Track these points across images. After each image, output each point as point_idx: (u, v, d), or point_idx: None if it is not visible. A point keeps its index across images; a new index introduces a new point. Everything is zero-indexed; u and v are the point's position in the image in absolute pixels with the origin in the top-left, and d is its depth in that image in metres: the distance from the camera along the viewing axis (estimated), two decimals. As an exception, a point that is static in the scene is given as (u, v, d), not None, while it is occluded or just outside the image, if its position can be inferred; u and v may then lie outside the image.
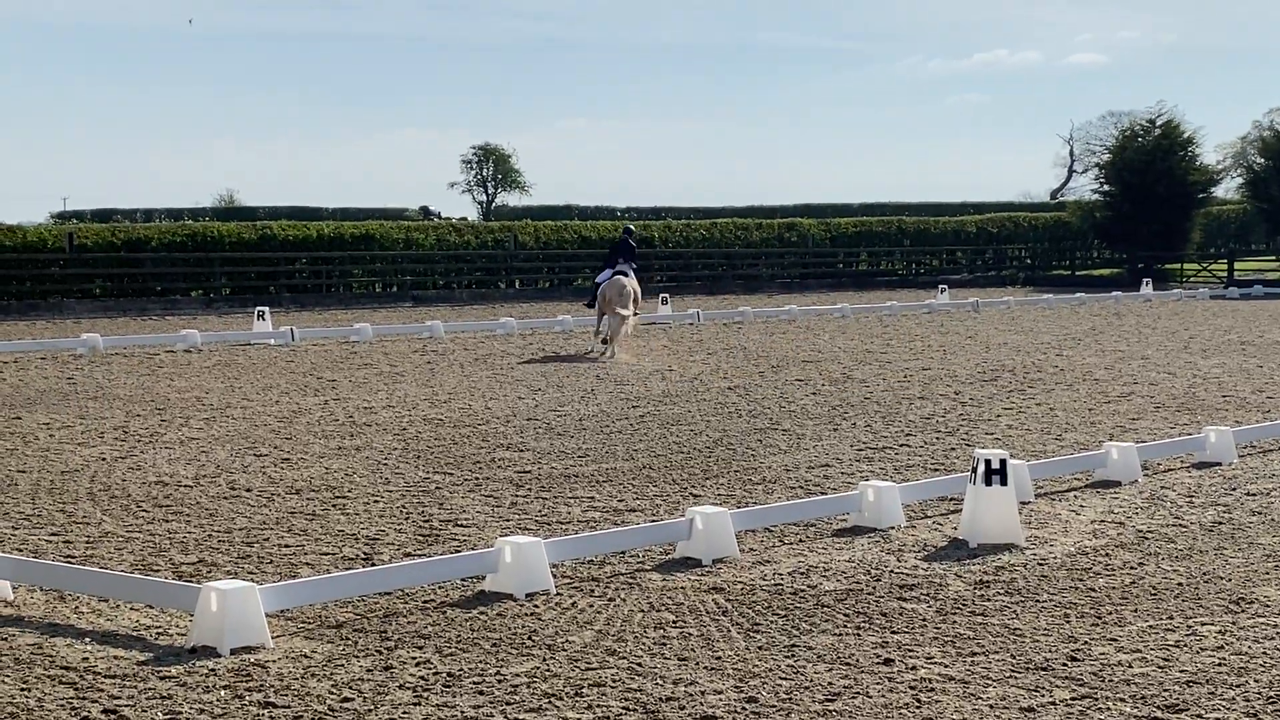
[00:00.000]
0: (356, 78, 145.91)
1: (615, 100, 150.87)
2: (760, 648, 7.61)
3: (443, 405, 17.92)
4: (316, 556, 9.72)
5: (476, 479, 12.65)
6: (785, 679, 7.07)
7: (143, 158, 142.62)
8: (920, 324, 33.59)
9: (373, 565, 9.34)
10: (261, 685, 6.97)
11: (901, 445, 14.56)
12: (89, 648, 7.63)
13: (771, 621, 8.12)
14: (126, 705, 6.68)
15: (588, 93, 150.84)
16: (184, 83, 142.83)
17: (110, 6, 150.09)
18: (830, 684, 6.99)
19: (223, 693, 6.85)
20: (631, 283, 25.33)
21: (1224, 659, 7.40)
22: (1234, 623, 8.10)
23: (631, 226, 30.92)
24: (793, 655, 7.47)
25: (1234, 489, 12.27)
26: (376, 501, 11.66)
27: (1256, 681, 7.03)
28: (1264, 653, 7.51)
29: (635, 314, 25.40)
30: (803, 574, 9.26)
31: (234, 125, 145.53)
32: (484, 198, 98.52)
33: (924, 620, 8.15)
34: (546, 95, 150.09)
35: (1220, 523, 10.87)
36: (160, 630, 7.94)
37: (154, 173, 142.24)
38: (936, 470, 12.95)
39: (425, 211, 74.70)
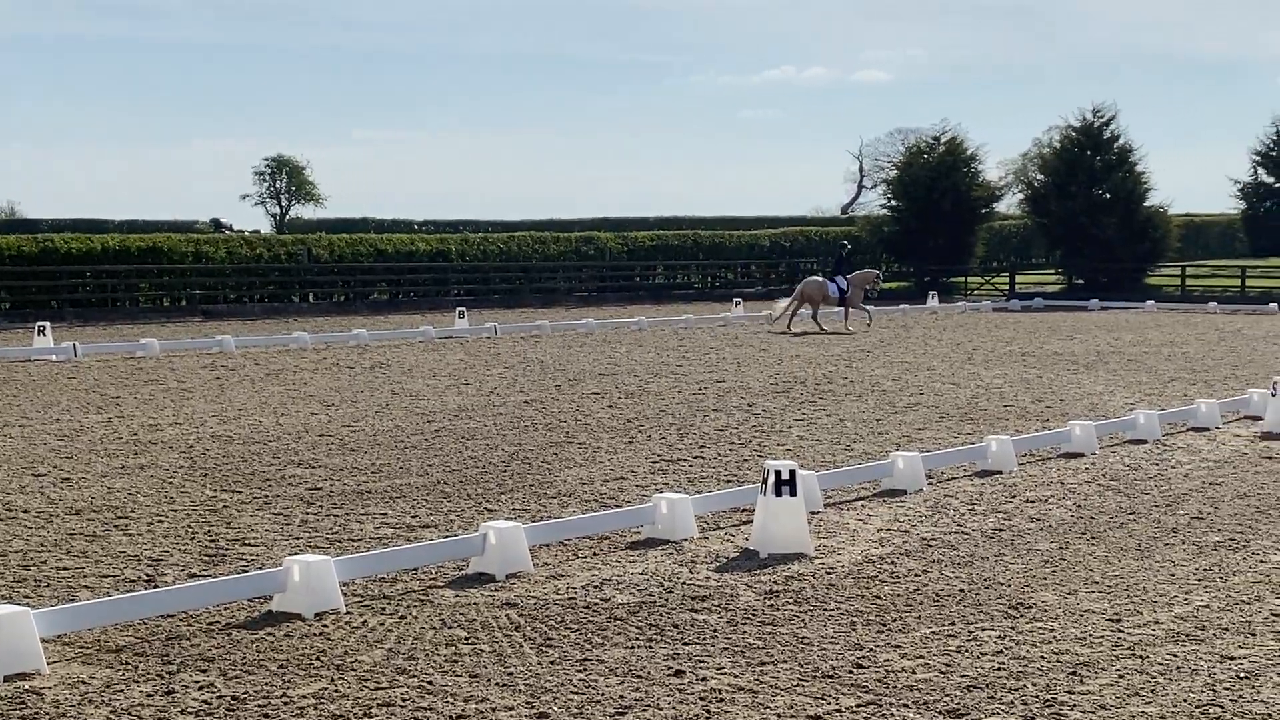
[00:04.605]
0: (146, 85, 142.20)
1: (413, 112, 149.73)
2: (552, 662, 7.59)
3: (232, 422, 17.54)
4: (97, 579, 9.43)
5: (266, 497, 12.40)
6: (577, 693, 7.07)
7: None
8: (715, 337, 33.99)
9: (155, 587, 9.08)
10: (36, 713, 6.72)
11: (696, 457, 14.70)
12: None
13: (564, 636, 8.11)
14: (-111, 740, 6.38)
15: (385, 103, 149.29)
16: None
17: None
18: (622, 697, 7.01)
19: (-7, 723, 6.60)
20: (809, 284, 36.54)
21: (1003, 663, 7.61)
22: (1013, 627, 8.34)
23: (846, 241, 43.37)
24: (585, 669, 7.47)
25: (1013, 496, 12.65)
26: (161, 521, 11.35)
27: (1034, 685, 7.24)
28: (1041, 656, 7.74)
29: (793, 309, 36.16)
30: (596, 587, 9.27)
31: (17, 134, 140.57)
32: (278, 210, 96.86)
33: (715, 631, 8.23)
34: (342, 106, 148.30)
35: (1000, 530, 11.20)
36: (-73, 660, 7.60)
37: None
38: (729, 482, 13.10)
39: (216, 224, 73.06)
